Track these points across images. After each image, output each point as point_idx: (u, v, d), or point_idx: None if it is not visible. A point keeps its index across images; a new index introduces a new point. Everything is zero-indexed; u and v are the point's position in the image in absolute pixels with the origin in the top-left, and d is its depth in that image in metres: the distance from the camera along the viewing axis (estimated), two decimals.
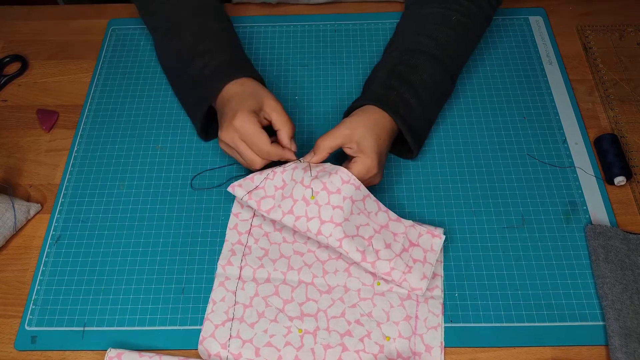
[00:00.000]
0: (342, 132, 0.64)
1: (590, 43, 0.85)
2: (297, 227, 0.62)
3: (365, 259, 0.61)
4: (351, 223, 0.61)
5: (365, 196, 0.63)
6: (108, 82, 0.82)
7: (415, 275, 0.61)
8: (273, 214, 0.63)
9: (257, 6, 0.90)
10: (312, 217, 0.61)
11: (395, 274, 0.61)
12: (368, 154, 0.63)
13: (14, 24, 0.90)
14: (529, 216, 0.68)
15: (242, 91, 0.66)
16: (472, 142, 0.75)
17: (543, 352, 0.60)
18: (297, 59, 0.84)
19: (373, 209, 0.64)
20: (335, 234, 0.61)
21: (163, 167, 0.73)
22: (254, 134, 0.62)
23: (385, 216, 0.64)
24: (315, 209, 0.61)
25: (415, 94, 0.69)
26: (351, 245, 0.61)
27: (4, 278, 0.66)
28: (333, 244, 0.61)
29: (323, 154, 0.65)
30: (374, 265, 0.61)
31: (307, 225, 0.61)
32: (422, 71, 0.71)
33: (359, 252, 0.61)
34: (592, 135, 0.75)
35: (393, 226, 0.64)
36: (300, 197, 0.62)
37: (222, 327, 0.61)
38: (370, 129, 0.64)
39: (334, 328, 0.61)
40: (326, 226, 0.61)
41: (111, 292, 0.64)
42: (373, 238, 0.62)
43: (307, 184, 0.62)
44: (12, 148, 0.76)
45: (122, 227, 0.69)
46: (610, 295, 0.61)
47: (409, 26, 0.77)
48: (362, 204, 0.63)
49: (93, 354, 0.60)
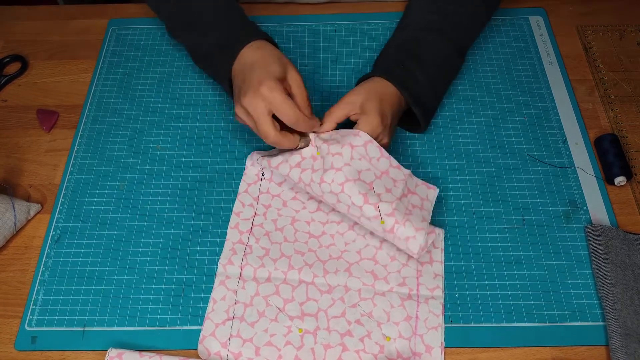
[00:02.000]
0: (346, 100, 0.66)
1: (590, 43, 0.85)
2: (303, 179, 0.64)
3: (367, 201, 0.61)
4: (352, 168, 0.63)
5: (366, 142, 0.64)
6: (108, 82, 0.82)
7: (415, 217, 0.62)
8: (282, 168, 0.66)
9: (258, 6, 0.90)
10: (317, 169, 0.64)
11: (398, 214, 0.61)
12: (370, 114, 0.65)
13: (14, 24, 0.90)
14: (529, 216, 0.68)
15: (263, 56, 0.65)
16: (472, 142, 0.75)
17: (543, 352, 0.60)
18: (297, 59, 0.84)
19: (375, 154, 0.65)
20: (337, 179, 0.62)
21: (163, 167, 0.73)
22: (283, 101, 0.60)
23: (387, 162, 0.65)
24: (320, 162, 0.64)
25: (422, 68, 0.71)
26: (353, 189, 0.62)
27: (4, 278, 0.66)
28: (335, 189, 0.62)
29: (330, 123, 0.66)
30: (376, 207, 0.61)
31: (311, 176, 0.64)
32: (431, 47, 0.72)
33: (361, 195, 0.62)
34: (592, 135, 0.75)
35: (393, 172, 0.65)
36: (308, 155, 0.65)
37: (223, 326, 0.61)
38: (374, 94, 0.66)
39: (334, 328, 0.61)
40: (328, 173, 0.63)
41: (111, 292, 0.64)
42: (374, 183, 0.63)
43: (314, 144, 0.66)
44: (12, 148, 0.76)
45: (122, 227, 0.69)
46: (611, 295, 0.61)
47: (419, 4, 0.78)
48: (364, 149, 0.64)
49: (93, 354, 0.60)
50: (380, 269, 0.64)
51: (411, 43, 0.73)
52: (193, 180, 0.72)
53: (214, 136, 0.76)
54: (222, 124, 0.77)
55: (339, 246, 0.66)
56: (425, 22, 0.74)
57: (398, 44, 0.74)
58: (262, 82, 0.61)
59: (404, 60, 0.71)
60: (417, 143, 0.75)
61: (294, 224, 0.67)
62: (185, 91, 0.81)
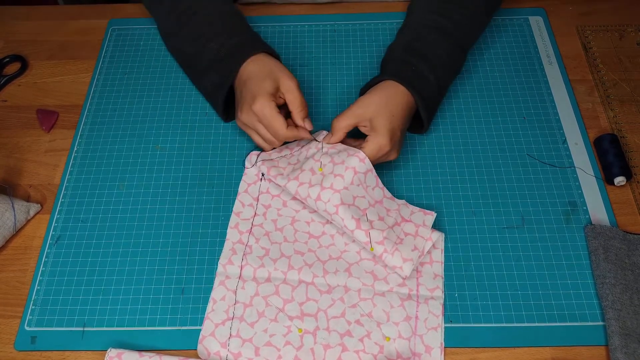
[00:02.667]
0: (355, 111, 0.66)
1: (590, 43, 0.85)
2: (299, 193, 0.65)
3: (359, 226, 0.62)
4: (349, 192, 0.64)
5: (368, 170, 0.65)
6: (108, 82, 0.82)
7: (406, 246, 0.63)
8: (279, 180, 0.67)
9: (259, 6, 0.90)
10: (314, 184, 0.64)
11: (388, 243, 0.62)
12: (380, 132, 0.65)
13: (14, 24, 0.90)
14: (529, 216, 0.68)
15: (259, 71, 0.67)
16: (472, 142, 0.75)
17: (543, 352, 0.60)
18: (297, 59, 0.84)
19: (371, 183, 0.66)
20: (333, 200, 0.63)
21: (163, 167, 0.73)
22: (271, 118, 0.65)
23: (381, 192, 0.66)
24: (319, 178, 0.65)
25: (431, 69, 0.71)
26: (347, 213, 0.63)
27: (4, 278, 0.66)
28: (330, 209, 0.63)
29: (339, 134, 0.67)
30: (367, 234, 0.62)
31: (308, 191, 0.64)
32: (437, 47, 0.73)
33: (354, 220, 0.63)
34: (592, 135, 0.75)
35: (387, 203, 0.66)
36: (308, 168, 0.66)
37: (222, 326, 0.61)
38: (384, 106, 0.66)
39: (334, 328, 0.61)
40: (326, 192, 0.63)
41: (111, 292, 0.64)
42: (367, 210, 0.64)
43: (318, 158, 0.66)
44: (12, 148, 0.76)
45: (122, 227, 0.69)
46: (611, 295, 0.61)
47: (422, 4, 0.78)
48: (364, 176, 0.65)
49: (93, 354, 0.60)
50: (380, 269, 0.64)
51: (418, 44, 0.73)
52: (193, 180, 0.72)
53: (213, 136, 0.76)
54: (222, 124, 0.77)
55: (339, 246, 0.66)
56: (431, 22, 0.74)
57: (405, 45, 0.74)
58: (254, 98, 0.65)
59: (413, 61, 0.71)
60: (417, 143, 0.75)
61: (294, 224, 0.67)
62: (185, 91, 0.81)
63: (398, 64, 0.72)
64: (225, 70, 0.70)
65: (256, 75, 0.67)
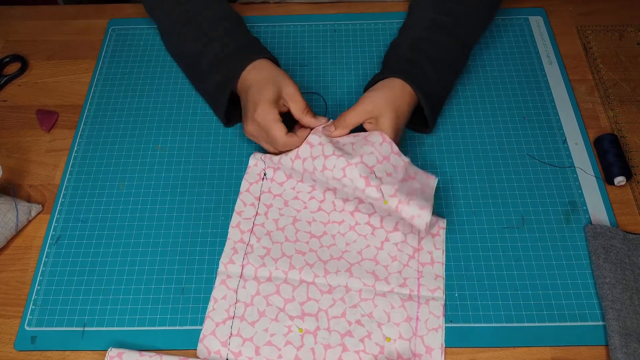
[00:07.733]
0: (364, 108, 0.67)
1: (590, 43, 0.85)
2: (305, 168, 0.66)
3: (369, 183, 0.63)
4: (355, 152, 0.65)
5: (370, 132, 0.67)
6: (108, 82, 0.82)
7: (418, 199, 0.63)
8: (284, 160, 0.68)
9: (259, 6, 0.90)
10: (316, 155, 0.65)
11: (401, 195, 0.63)
12: (385, 131, 0.67)
13: (14, 24, 0.90)
14: (529, 216, 0.69)
15: (261, 78, 0.68)
16: (472, 142, 0.75)
17: (543, 352, 0.60)
18: (297, 59, 0.84)
19: (377, 140, 0.66)
20: (338, 164, 0.64)
21: (163, 167, 0.73)
22: (270, 127, 0.66)
23: (389, 147, 0.66)
24: (317, 148, 0.66)
25: (436, 69, 0.71)
26: (354, 172, 0.63)
27: (4, 278, 0.66)
28: (337, 174, 0.64)
29: (345, 130, 0.68)
30: (378, 189, 0.63)
31: (313, 164, 0.65)
32: (442, 47, 0.73)
33: (362, 178, 0.63)
34: (592, 135, 0.75)
35: (394, 159, 0.66)
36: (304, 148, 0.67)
37: (223, 325, 0.61)
38: (392, 105, 0.67)
39: (334, 328, 0.61)
40: (330, 159, 0.64)
41: (111, 292, 0.64)
42: (375, 167, 0.64)
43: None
44: (12, 148, 0.76)
45: (122, 227, 0.69)
46: (610, 295, 0.61)
47: (424, 3, 0.78)
48: (369, 134, 0.67)
49: (93, 354, 0.60)
50: (381, 270, 0.64)
51: (423, 42, 0.73)
52: (193, 180, 0.72)
53: (214, 136, 0.76)
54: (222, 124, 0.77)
55: (340, 246, 0.66)
56: (434, 21, 0.74)
57: (410, 43, 0.74)
58: (256, 106, 0.66)
59: (419, 60, 0.71)
60: (417, 143, 0.75)
61: (295, 223, 0.67)
62: (185, 91, 0.81)
63: (404, 62, 0.72)
64: (229, 69, 0.70)
65: (257, 83, 0.67)
